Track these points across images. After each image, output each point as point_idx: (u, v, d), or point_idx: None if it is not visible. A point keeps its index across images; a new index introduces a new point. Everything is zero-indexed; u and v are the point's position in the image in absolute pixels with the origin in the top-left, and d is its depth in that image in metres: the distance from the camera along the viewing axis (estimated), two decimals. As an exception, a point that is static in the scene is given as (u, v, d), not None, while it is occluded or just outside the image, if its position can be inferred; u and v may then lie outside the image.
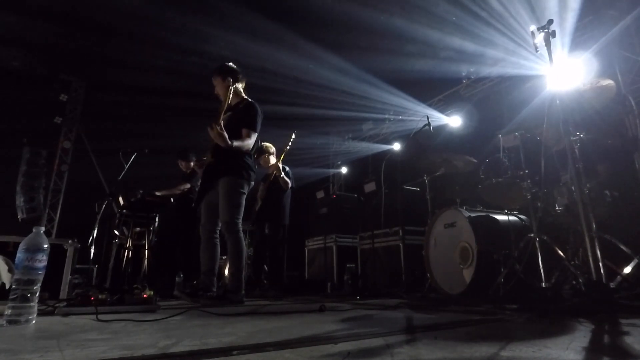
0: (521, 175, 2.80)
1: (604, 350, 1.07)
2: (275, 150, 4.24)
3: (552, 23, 2.38)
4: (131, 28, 5.28)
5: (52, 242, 2.40)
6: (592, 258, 1.95)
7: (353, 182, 8.05)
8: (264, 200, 4.20)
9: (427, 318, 1.80)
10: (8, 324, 1.44)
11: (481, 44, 5.21)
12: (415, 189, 4.43)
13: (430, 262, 3.27)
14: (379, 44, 5.47)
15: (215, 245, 2.86)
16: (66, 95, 7.12)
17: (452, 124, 6.04)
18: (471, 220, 2.92)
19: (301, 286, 4.52)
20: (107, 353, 0.96)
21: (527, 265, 2.50)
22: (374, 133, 8.36)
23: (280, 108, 6.43)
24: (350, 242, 5.10)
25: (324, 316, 1.83)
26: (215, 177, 2.81)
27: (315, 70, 6.13)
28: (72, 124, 7.29)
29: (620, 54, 4.22)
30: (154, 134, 6.11)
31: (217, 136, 2.62)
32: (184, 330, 1.36)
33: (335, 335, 1.29)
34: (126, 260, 3.64)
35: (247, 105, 2.92)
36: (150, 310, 2.01)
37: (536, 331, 1.38)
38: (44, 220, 6.69)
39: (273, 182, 4.13)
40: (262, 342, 1.10)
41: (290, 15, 5.07)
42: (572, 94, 2.58)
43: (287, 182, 4.08)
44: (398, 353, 0.96)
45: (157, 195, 3.94)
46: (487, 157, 3.16)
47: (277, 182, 4.10)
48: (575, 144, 2.40)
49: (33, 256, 1.54)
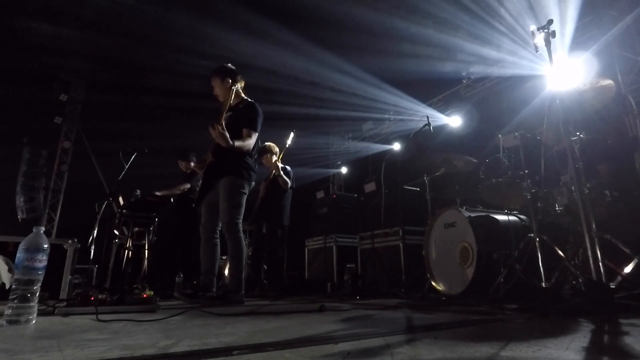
0: (521, 175, 2.79)
1: (604, 350, 1.07)
2: (277, 150, 4.24)
3: (552, 23, 2.38)
4: (131, 28, 5.28)
5: (52, 242, 2.40)
6: (592, 258, 1.95)
7: (353, 182, 8.06)
8: (263, 199, 4.20)
9: (427, 318, 1.80)
10: (8, 324, 1.44)
11: (481, 44, 5.21)
12: (415, 189, 4.43)
13: (430, 262, 3.27)
14: (379, 44, 5.47)
15: (215, 245, 2.87)
16: (66, 95, 7.13)
17: (452, 124, 6.04)
18: (471, 220, 2.92)
19: (301, 286, 4.52)
20: (107, 353, 0.96)
21: (527, 265, 2.50)
22: (374, 133, 8.37)
23: (280, 108, 6.43)
24: (350, 242, 5.10)
25: (324, 316, 1.83)
26: (216, 177, 2.82)
27: (315, 70, 6.14)
28: (72, 124, 7.30)
29: (620, 54, 4.22)
30: (154, 134, 6.11)
31: (218, 136, 2.62)
32: (184, 330, 1.36)
33: (335, 335, 1.29)
34: (126, 260, 3.64)
35: (247, 106, 2.93)
36: (150, 310, 2.00)
37: (536, 331, 1.38)
38: (44, 220, 6.70)
39: (272, 181, 4.13)
40: (262, 342, 1.10)
41: (290, 15, 5.07)
42: (572, 94, 2.57)
43: (286, 181, 4.08)
44: (398, 353, 0.96)
45: (157, 195, 3.94)
46: (487, 157, 3.16)
47: (276, 181, 4.10)
48: (575, 144, 2.40)
49: (33, 256, 1.54)
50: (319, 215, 5.55)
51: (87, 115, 7.32)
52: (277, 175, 4.03)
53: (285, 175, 4.11)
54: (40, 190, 6.59)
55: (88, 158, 6.79)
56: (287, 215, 4.26)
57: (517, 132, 2.89)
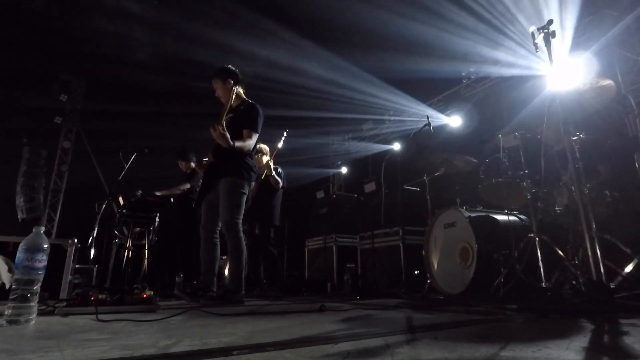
0: (521, 175, 2.79)
1: (604, 350, 1.07)
2: (268, 150, 4.24)
3: (552, 23, 2.38)
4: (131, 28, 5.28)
5: (52, 242, 2.40)
6: (592, 258, 1.95)
7: (353, 182, 8.05)
8: (254, 199, 4.20)
9: (427, 318, 1.80)
10: (8, 324, 1.44)
11: (481, 44, 5.21)
12: (415, 189, 4.43)
13: (430, 262, 3.27)
14: (379, 44, 5.48)
15: (215, 245, 2.87)
16: (66, 95, 7.13)
17: (452, 124, 6.04)
18: (471, 220, 2.92)
19: (301, 286, 4.52)
20: (107, 353, 0.96)
21: (527, 265, 2.50)
22: (374, 133, 8.36)
23: (280, 108, 6.43)
24: (350, 242, 5.10)
25: (324, 316, 1.83)
26: (216, 178, 2.82)
27: (315, 70, 6.13)
28: (72, 124, 7.30)
29: (620, 54, 4.22)
30: (154, 134, 6.12)
31: (219, 137, 2.63)
32: (184, 330, 1.36)
33: (335, 335, 1.29)
34: (126, 260, 3.64)
35: (248, 107, 2.93)
36: (150, 310, 2.00)
37: (536, 331, 1.38)
38: (44, 220, 6.70)
39: (264, 181, 4.13)
40: (262, 342, 1.10)
41: (290, 15, 5.07)
42: (572, 94, 2.57)
43: (277, 181, 4.08)
44: (398, 353, 0.96)
45: (157, 195, 3.94)
46: (487, 157, 3.16)
47: (268, 181, 4.09)
48: (575, 144, 2.40)
49: (33, 256, 1.54)
50: (319, 215, 5.55)
51: (87, 115, 7.33)
52: (269, 175, 4.04)
53: (276, 175, 4.11)
54: (40, 190, 6.59)
55: (88, 158, 6.80)
56: (278, 216, 4.25)
57: (517, 132, 2.88)
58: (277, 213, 4.25)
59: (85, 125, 7.28)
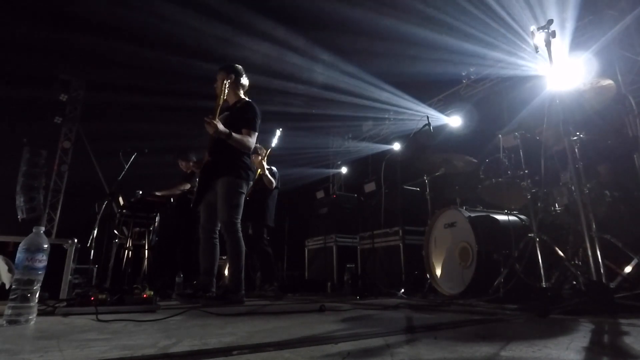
0: (521, 175, 2.79)
1: (604, 350, 1.07)
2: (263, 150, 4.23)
3: (552, 23, 2.38)
4: (131, 28, 5.28)
5: (52, 242, 2.40)
6: (592, 258, 1.95)
7: (353, 182, 8.05)
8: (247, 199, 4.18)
9: (427, 318, 1.80)
10: (8, 324, 1.44)
11: (481, 44, 5.21)
12: (415, 189, 4.43)
13: (430, 262, 3.27)
14: (379, 45, 5.48)
15: (214, 245, 2.86)
16: (66, 95, 7.12)
17: (452, 124, 6.04)
18: (471, 220, 2.92)
19: (301, 286, 4.52)
20: (107, 353, 0.96)
21: (527, 265, 2.50)
22: (374, 133, 8.36)
23: (280, 108, 6.43)
24: (350, 242, 5.10)
25: (324, 316, 1.83)
26: (214, 177, 2.81)
27: (315, 70, 6.13)
28: (72, 124, 7.30)
29: (620, 54, 4.22)
30: (154, 134, 6.11)
31: (213, 128, 2.62)
32: (184, 330, 1.36)
33: (335, 335, 1.29)
34: (126, 260, 3.64)
35: (244, 105, 2.92)
36: (150, 310, 2.00)
37: (536, 331, 1.38)
38: (44, 220, 6.70)
39: (257, 181, 4.12)
40: (262, 342, 1.10)
41: (290, 15, 5.07)
42: (572, 94, 2.57)
43: (271, 181, 4.06)
44: (398, 353, 0.96)
45: (157, 195, 3.94)
46: (487, 157, 3.16)
47: (261, 181, 4.08)
48: (575, 144, 2.40)
49: (33, 256, 1.54)
50: (319, 215, 5.55)
51: (87, 115, 7.32)
52: (263, 175, 4.02)
53: (270, 175, 4.09)
54: (40, 190, 6.59)
55: (88, 158, 6.79)
56: (272, 216, 4.22)
57: (517, 132, 2.88)
58: (271, 213, 4.22)
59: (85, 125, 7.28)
